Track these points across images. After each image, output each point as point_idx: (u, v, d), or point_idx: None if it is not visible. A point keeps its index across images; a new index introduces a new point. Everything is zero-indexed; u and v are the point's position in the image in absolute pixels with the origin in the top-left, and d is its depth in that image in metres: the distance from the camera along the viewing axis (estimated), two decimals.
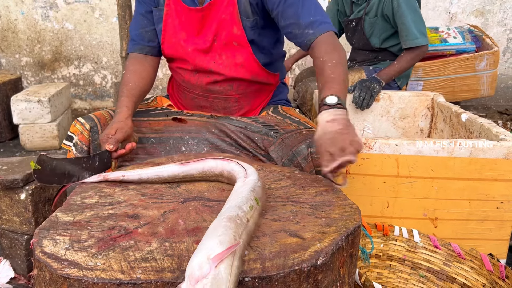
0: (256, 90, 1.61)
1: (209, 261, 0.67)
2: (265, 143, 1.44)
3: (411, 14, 2.40)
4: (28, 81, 4.32)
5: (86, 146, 1.41)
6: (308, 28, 1.40)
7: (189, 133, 1.50)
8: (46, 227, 0.90)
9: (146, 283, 0.73)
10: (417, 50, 2.44)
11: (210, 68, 1.51)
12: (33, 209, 1.60)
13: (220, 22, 1.47)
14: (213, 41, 1.50)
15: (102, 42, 4.27)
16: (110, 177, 1.15)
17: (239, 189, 0.96)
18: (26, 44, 4.23)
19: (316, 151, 1.16)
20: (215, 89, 1.55)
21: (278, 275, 0.75)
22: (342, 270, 0.88)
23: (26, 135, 3.14)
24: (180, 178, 1.16)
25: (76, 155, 1.38)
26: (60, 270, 0.75)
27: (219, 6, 1.45)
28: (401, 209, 1.64)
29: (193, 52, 1.51)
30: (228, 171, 1.12)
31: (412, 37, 2.40)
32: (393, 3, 2.43)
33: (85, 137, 1.41)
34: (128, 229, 0.90)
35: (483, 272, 1.40)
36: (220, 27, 1.47)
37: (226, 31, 1.48)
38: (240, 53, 1.51)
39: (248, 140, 1.47)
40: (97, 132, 1.42)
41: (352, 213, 0.98)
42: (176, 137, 1.49)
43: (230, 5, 1.44)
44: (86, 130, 1.41)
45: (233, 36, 1.48)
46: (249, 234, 0.82)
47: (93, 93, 4.42)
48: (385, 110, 2.32)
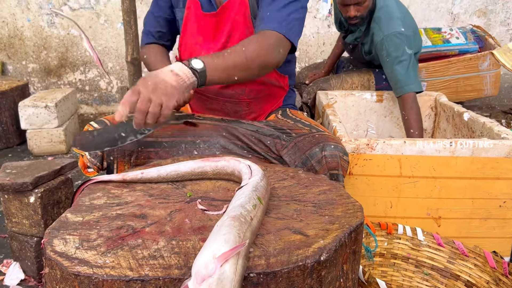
0: (267, 95, 1.63)
1: (214, 260, 0.68)
2: (277, 146, 1.46)
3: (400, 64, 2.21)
4: (35, 87, 4.37)
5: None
6: (260, 21, 1.43)
7: (200, 137, 1.51)
8: (56, 227, 0.92)
9: (154, 279, 0.75)
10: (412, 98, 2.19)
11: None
12: (42, 212, 1.62)
13: (233, 24, 1.49)
14: (226, 43, 1.52)
15: (107, 47, 4.32)
16: (128, 175, 1.16)
17: (243, 189, 0.98)
18: (32, 51, 4.28)
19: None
20: (227, 93, 1.58)
21: (282, 271, 0.77)
22: (346, 266, 0.90)
23: (33, 140, 3.18)
24: (196, 174, 1.18)
25: (90, 160, 1.39)
26: (70, 268, 0.77)
27: (232, 8, 1.48)
28: (405, 209, 1.66)
29: (207, 53, 1.53)
30: (238, 171, 1.15)
31: (403, 83, 2.18)
32: (382, 52, 2.29)
33: None
34: (136, 229, 0.92)
35: (487, 269, 1.41)
36: (233, 29, 1.50)
37: (239, 33, 1.50)
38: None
39: (260, 143, 1.48)
40: None
41: (355, 210, 1.00)
42: (189, 141, 1.49)
43: (242, 5, 1.47)
44: None
45: (246, 37, 1.49)
46: (254, 232, 0.84)
47: (99, 98, 4.46)
48: (388, 110, 2.34)
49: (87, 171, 1.41)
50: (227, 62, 1.27)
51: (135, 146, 1.41)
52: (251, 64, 1.31)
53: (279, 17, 1.39)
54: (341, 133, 1.66)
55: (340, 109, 2.30)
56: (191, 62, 1.22)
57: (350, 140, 1.58)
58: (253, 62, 1.31)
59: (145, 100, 1.13)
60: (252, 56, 1.30)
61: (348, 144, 1.57)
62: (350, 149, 1.58)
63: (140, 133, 1.27)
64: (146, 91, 1.13)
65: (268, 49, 1.34)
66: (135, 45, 2.62)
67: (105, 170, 1.40)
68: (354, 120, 2.37)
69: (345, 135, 1.63)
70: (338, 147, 1.37)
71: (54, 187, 1.68)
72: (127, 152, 1.40)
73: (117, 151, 1.39)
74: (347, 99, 2.33)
